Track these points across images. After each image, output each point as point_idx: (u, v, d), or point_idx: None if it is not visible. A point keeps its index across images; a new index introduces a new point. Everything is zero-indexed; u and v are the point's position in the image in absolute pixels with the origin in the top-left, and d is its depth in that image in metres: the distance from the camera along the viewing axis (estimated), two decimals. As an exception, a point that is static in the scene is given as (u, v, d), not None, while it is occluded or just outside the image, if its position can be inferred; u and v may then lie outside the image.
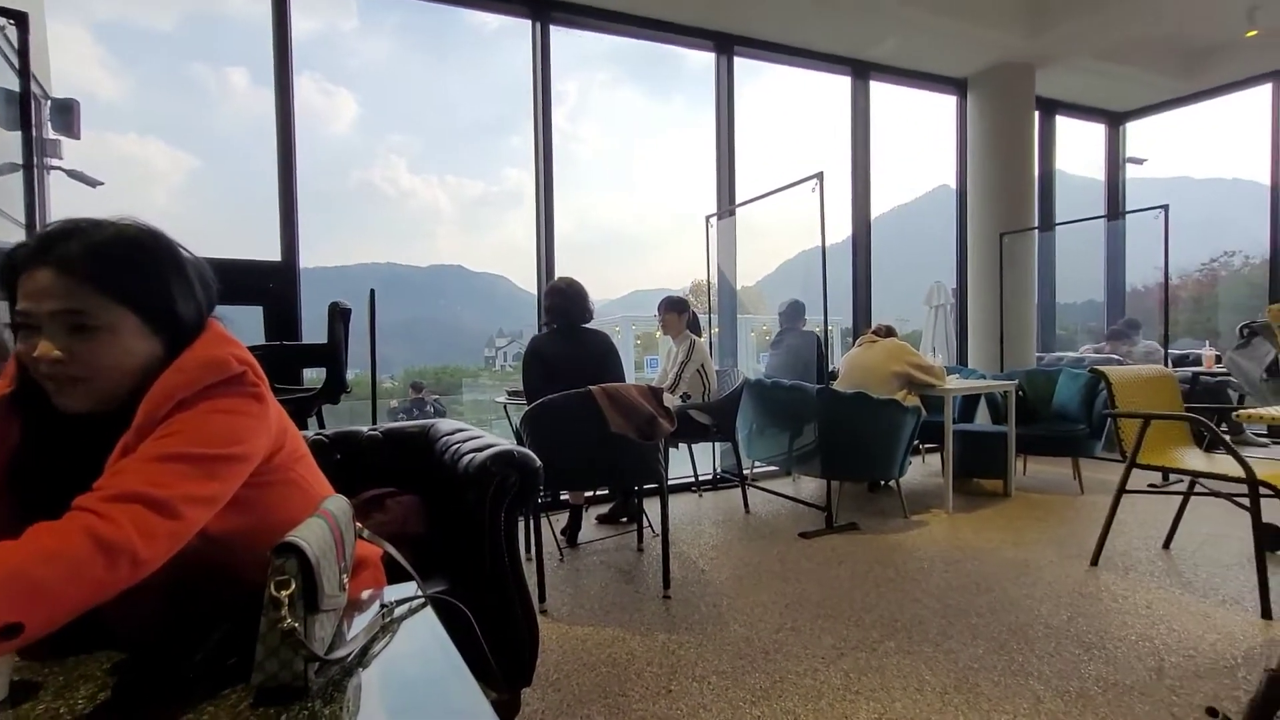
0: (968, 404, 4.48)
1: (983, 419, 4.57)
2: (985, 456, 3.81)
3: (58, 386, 0.74)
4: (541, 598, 2.33)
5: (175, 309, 0.80)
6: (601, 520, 3.40)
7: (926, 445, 4.78)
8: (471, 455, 1.39)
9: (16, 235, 2.80)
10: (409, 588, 0.90)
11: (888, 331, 3.71)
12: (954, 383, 3.71)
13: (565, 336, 2.79)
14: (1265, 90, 5.36)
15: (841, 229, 4.86)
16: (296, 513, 0.82)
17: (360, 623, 0.79)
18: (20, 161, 3.21)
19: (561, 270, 3.84)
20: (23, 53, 1.83)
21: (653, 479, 2.48)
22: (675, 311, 3.58)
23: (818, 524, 3.19)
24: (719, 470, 4.25)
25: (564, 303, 2.79)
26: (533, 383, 2.72)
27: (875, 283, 5.04)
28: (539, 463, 1.39)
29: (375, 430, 1.77)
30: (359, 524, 0.91)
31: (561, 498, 3.61)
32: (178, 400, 0.74)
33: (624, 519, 3.38)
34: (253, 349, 0.89)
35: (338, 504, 0.84)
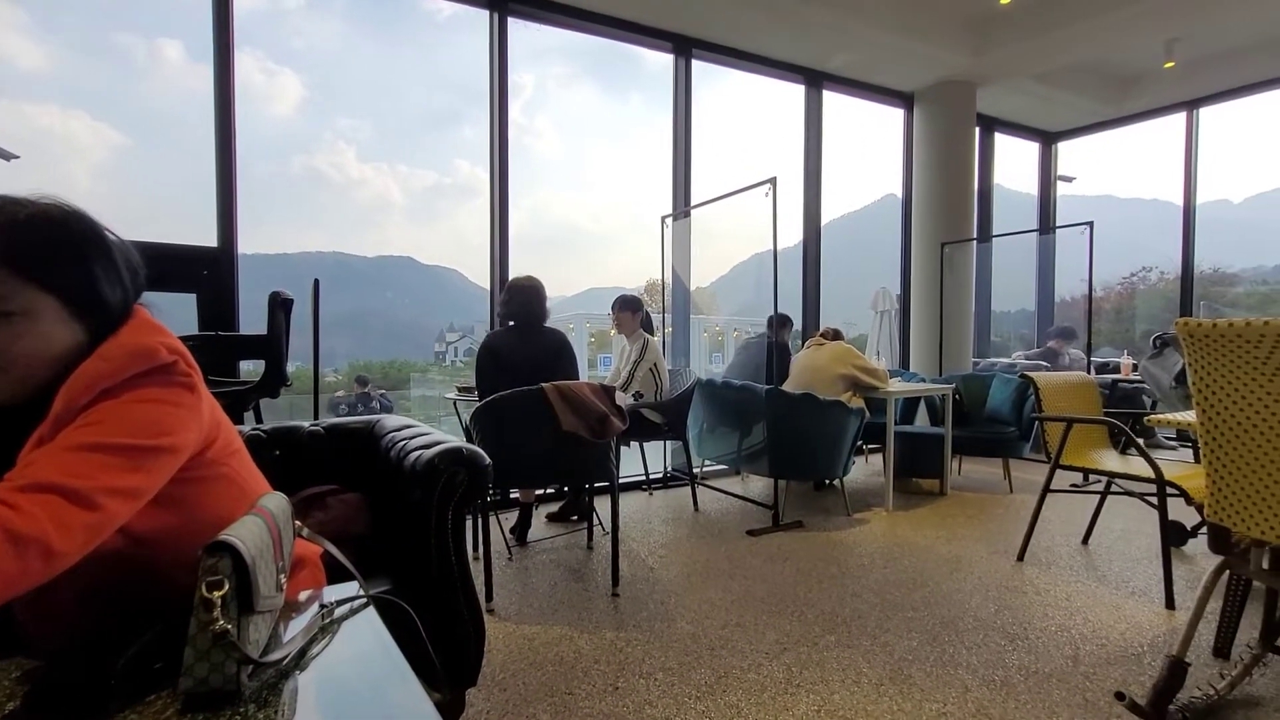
0: (908, 406, 4.66)
1: (922, 421, 4.76)
2: (924, 457, 3.97)
3: None
4: (489, 597, 2.31)
5: (99, 294, 0.76)
6: (551, 518, 3.38)
7: (870, 445, 4.95)
8: (419, 452, 1.37)
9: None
10: (350, 587, 0.87)
11: (835, 335, 3.82)
12: (896, 385, 3.85)
13: (521, 334, 2.76)
14: (1180, 118, 5.77)
15: (793, 234, 4.97)
16: (230, 510, 0.79)
17: (298, 624, 0.77)
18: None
19: (516, 265, 3.80)
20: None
21: (604, 477, 2.49)
22: (629, 310, 3.59)
23: (765, 522, 3.26)
24: (670, 469, 4.28)
25: (522, 299, 2.77)
26: (486, 379, 2.69)
27: (824, 287, 5.18)
28: (488, 460, 1.37)
29: (317, 426, 1.71)
30: (298, 522, 0.88)
31: (511, 496, 3.57)
32: (101, 389, 0.70)
33: (574, 517, 3.37)
34: (185, 339, 0.85)
35: (276, 501, 0.81)
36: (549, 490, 3.63)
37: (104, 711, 0.61)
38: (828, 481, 4.04)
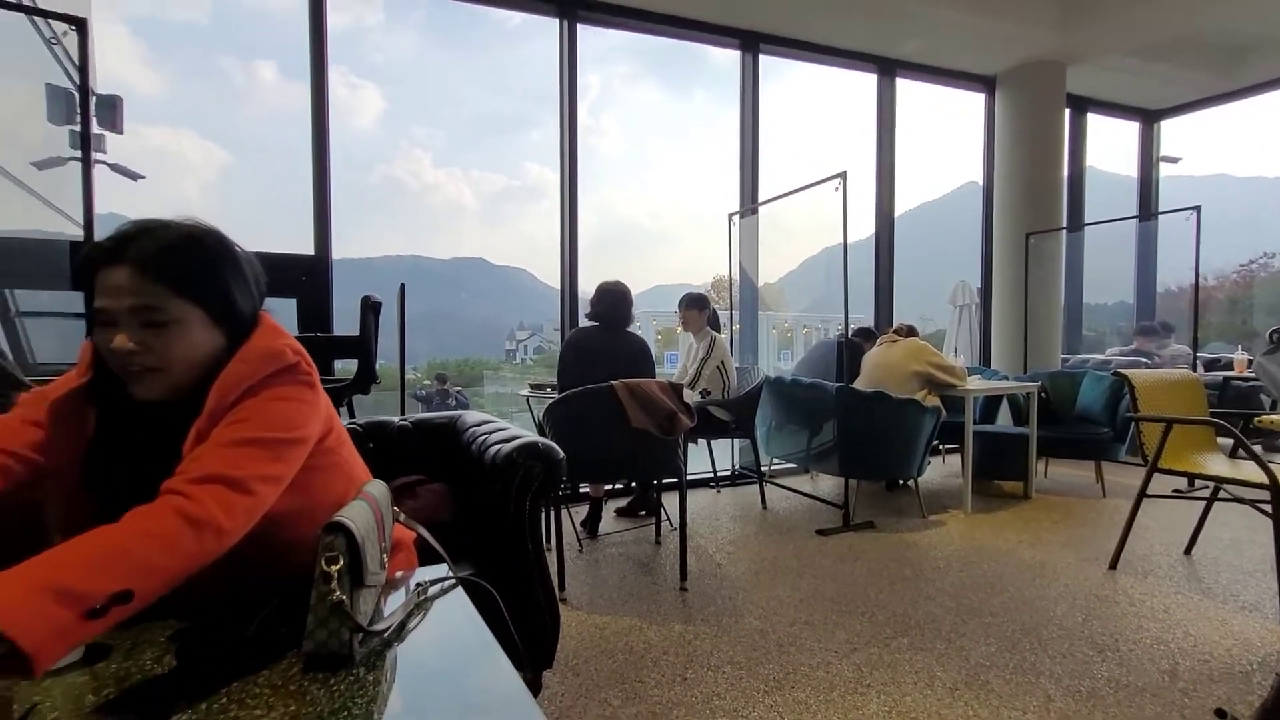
0: (989, 405, 4.45)
1: (1004, 420, 4.53)
2: (1006, 458, 3.79)
3: (133, 376, 0.81)
4: (561, 586, 2.40)
5: (235, 303, 0.86)
6: (620, 513, 3.46)
7: (946, 446, 4.76)
8: (498, 446, 1.45)
9: (71, 229, 2.93)
10: (441, 570, 0.96)
11: (909, 331, 3.71)
12: (975, 383, 3.69)
13: (606, 334, 2.87)
14: (1308, 87, 5.21)
15: (865, 226, 4.85)
16: (341, 495, 0.88)
17: (397, 600, 0.85)
18: (68, 155, 3.34)
19: (584, 264, 3.90)
20: (83, 57, 1.93)
21: (672, 473, 2.53)
22: (696, 308, 3.62)
23: (835, 521, 3.21)
24: (737, 466, 4.28)
25: (610, 301, 2.88)
26: (568, 374, 2.80)
27: (898, 281, 5.01)
28: (562, 455, 1.44)
29: (405, 420, 1.84)
30: (395, 508, 0.97)
31: (581, 490, 3.67)
32: (244, 388, 0.81)
33: (642, 512, 3.43)
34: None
35: (378, 488, 0.90)
36: (618, 486, 3.71)
37: (241, 667, 0.70)
38: (901, 482, 3.92)
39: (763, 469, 3.89)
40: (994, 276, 5.23)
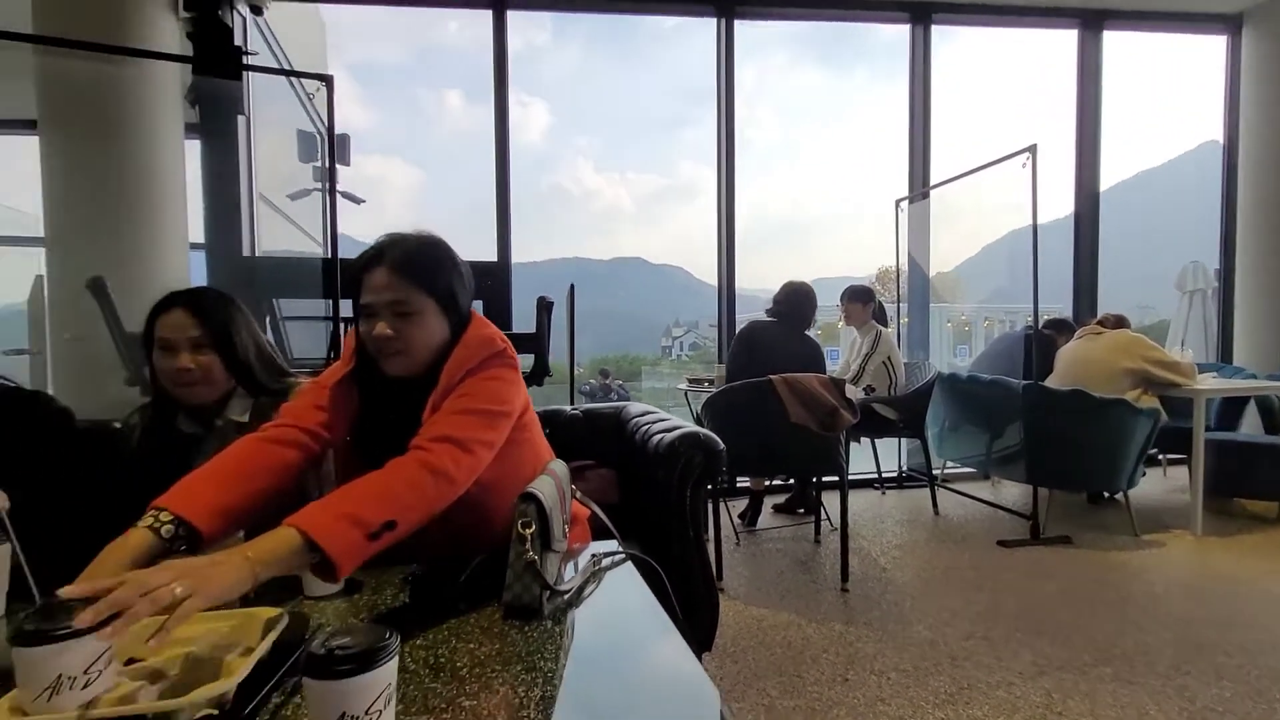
0: (1229, 409, 3.72)
1: (1252, 427, 3.76)
2: (1252, 472, 3.15)
3: (387, 358, 1.00)
4: (718, 576, 2.45)
5: (457, 298, 1.05)
6: (777, 510, 3.42)
7: (1170, 456, 4.06)
8: (661, 435, 1.53)
9: (313, 247, 3.55)
10: (612, 545, 1.05)
11: (1116, 322, 3.23)
12: (1210, 382, 3.12)
13: (783, 331, 2.90)
14: None
15: (1062, 204, 4.29)
16: (530, 468, 1.01)
17: (574, 568, 0.95)
18: (312, 187, 4.04)
19: (740, 259, 3.91)
20: (330, 107, 2.36)
21: (832, 471, 2.46)
22: (859, 301, 3.46)
23: (1021, 533, 2.90)
24: (905, 468, 4.02)
25: (794, 300, 2.93)
26: (737, 363, 2.85)
27: (1106, 266, 4.36)
28: (722, 445, 1.48)
29: (575, 410, 2.00)
30: (574, 485, 1.08)
31: (739, 485, 3.69)
32: (466, 370, 0.99)
33: (800, 510, 3.37)
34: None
35: (560, 466, 1.01)
36: (775, 482, 3.67)
37: (455, 609, 0.84)
38: (1106, 494, 3.43)
39: (934, 472, 3.62)
40: (1238, 254, 4.35)
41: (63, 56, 2.48)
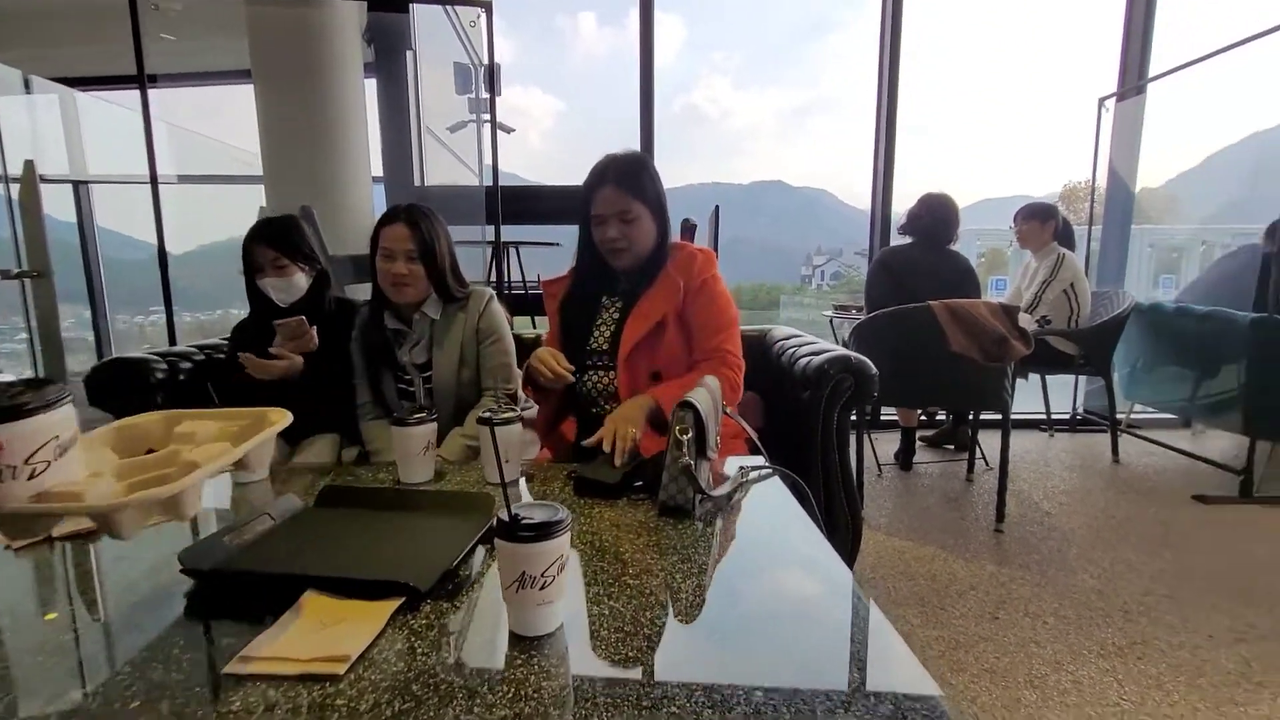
0: None
1: None
2: None
3: (615, 254, 1.27)
4: (860, 504, 2.41)
5: (664, 206, 1.29)
6: (925, 442, 3.25)
7: None
8: (809, 358, 1.50)
9: (470, 177, 3.77)
10: (759, 460, 1.07)
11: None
12: None
13: (924, 250, 2.67)
14: None
15: (1332, 94, 3.38)
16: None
17: (725, 477, 0.99)
18: (468, 119, 4.26)
19: (899, 179, 3.57)
20: (490, 36, 2.45)
21: (995, 407, 2.27)
22: (1038, 219, 3.04)
23: (1227, 489, 2.52)
24: (1080, 409, 3.61)
25: (935, 216, 2.66)
26: (876, 293, 2.69)
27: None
28: (875, 369, 1.43)
29: (719, 332, 2.00)
30: (724, 402, 1.11)
31: (883, 417, 3.54)
32: (706, 275, 1.29)
33: (950, 446, 3.18)
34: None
35: (713, 380, 1.03)
36: (924, 415, 3.47)
37: (619, 494, 0.92)
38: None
39: (1119, 416, 3.21)
40: None
41: (266, 4, 2.78)
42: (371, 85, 3.37)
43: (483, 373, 1.41)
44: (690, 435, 0.85)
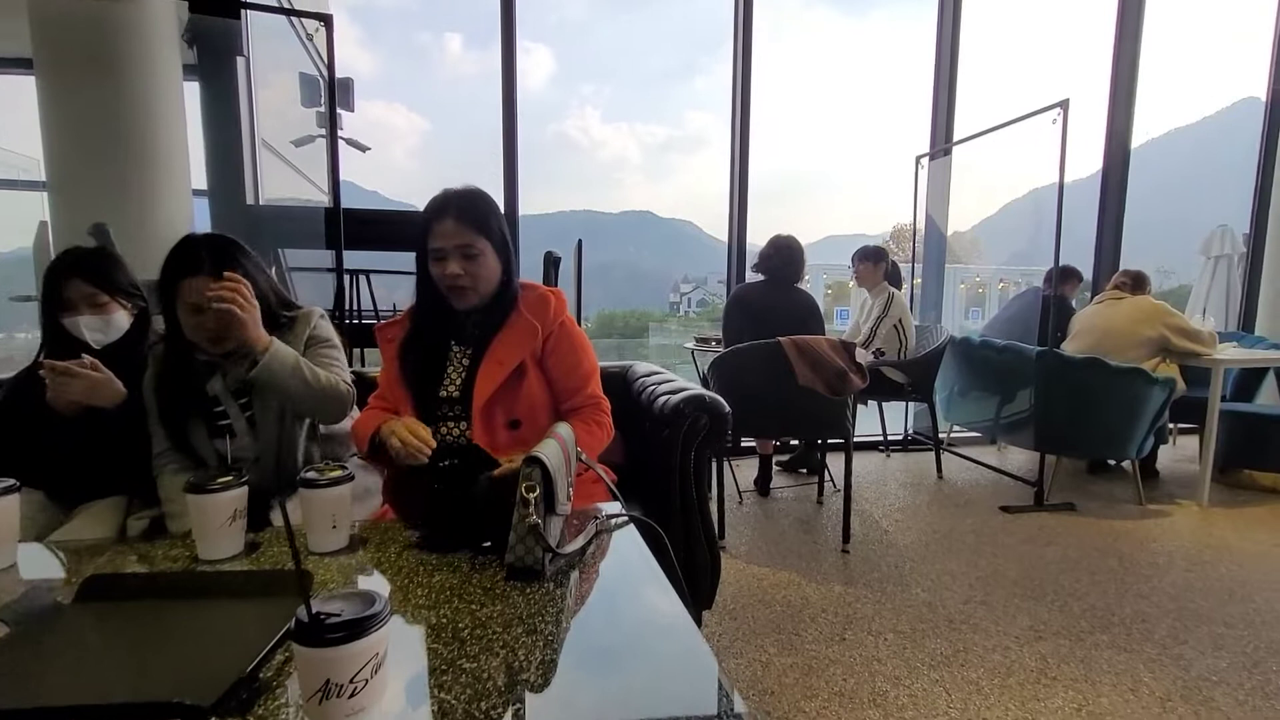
0: (1247, 380, 3.66)
1: (1270, 398, 3.72)
2: (1265, 445, 3.12)
3: (458, 294, 1.17)
4: (720, 535, 2.47)
5: (507, 240, 1.21)
6: (780, 467, 3.44)
7: (1181, 425, 4.03)
8: (666, 397, 1.51)
9: (317, 195, 3.48)
10: (615, 507, 1.04)
11: (1136, 282, 3.15)
12: (1231, 352, 3.07)
13: (774, 289, 2.82)
14: None
15: (1088, 162, 4.14)
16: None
17: (578, 530, 0.95)
18: (316, 134, 3.94)
19: (753, 213, 3.81)
20: (329, 48, 2.26)
21: (839, 434, 2.45)
22: (871, 261, 3.39)
23: (1024, 499, 2.91)
24: (911, 431, 4.02)
25: (779, 258, 2.82)
26: (732, 328, 2.80)
27: (1130, 227, 4.23)
28: (728, 408, 1.46)
29: (582, 368, 1.98)
30: (579, 449, 1.07)
31: (744, 445, 3.70)
32: (560, 319, 1.26)
33: (803, 470, 3.38)
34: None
35: (566, 430, 0.99)
36: (779, 442, 3.68)
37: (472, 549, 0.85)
38: (1112, 463, 3.42)
39: (940, 436, 3.61)
40: (1269, 221, 4.21)
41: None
42: (194, 89, 3.00)
43: None
44: (538, 492, 0.80)
